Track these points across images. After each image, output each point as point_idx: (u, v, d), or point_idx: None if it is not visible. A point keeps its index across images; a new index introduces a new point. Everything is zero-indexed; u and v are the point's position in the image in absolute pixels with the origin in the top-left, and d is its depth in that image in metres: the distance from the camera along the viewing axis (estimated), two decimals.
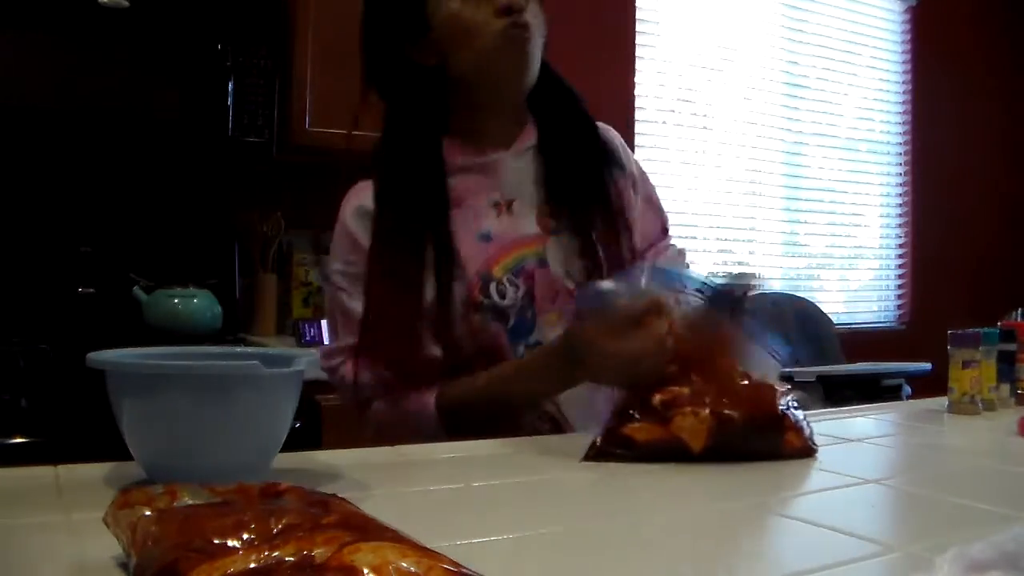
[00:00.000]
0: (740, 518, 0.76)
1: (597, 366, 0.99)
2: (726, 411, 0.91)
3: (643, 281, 1.01)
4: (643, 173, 1.31)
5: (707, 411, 0.91)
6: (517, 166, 1.19)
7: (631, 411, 0.93)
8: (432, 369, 1.12)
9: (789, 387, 0.98)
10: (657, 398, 0.93)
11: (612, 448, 0.91)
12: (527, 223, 1.17)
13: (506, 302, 1.13)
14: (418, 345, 1.11)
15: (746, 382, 0.95)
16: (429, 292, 1.12)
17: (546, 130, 1.21)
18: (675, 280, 1.05)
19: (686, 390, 0.93)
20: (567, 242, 1.17)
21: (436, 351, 1.12)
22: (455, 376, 1.12)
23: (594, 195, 1.19)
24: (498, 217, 1.17)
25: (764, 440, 0.93)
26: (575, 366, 1.02)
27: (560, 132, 1.21)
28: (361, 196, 1.18)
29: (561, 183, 1.19)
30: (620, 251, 1.18)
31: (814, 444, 0.96)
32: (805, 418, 0.96)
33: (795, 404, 0.96)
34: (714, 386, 0.93)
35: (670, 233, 1.34)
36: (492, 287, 1.13)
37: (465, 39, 1.12)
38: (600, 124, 1.26)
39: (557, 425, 1.15)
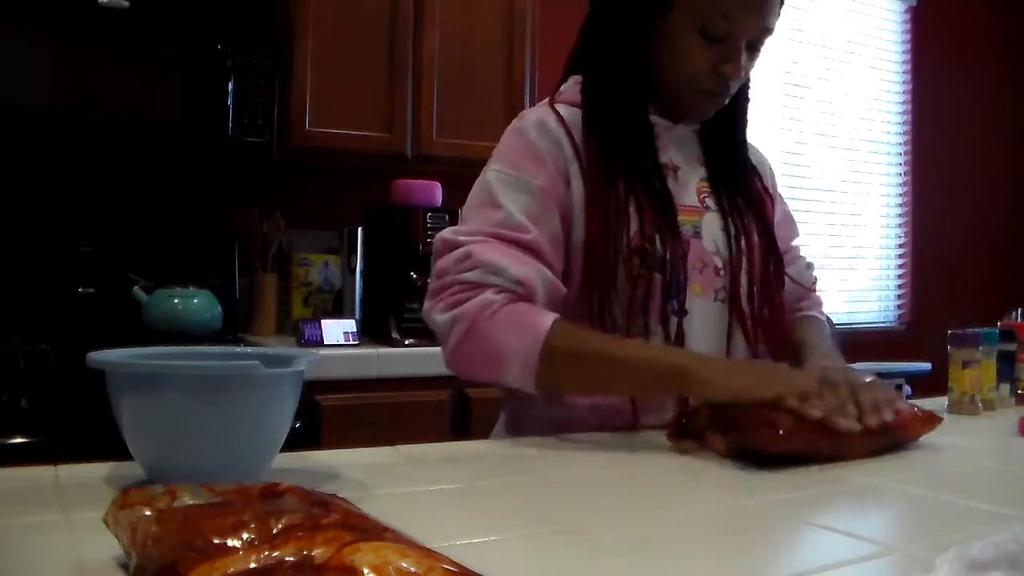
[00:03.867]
0: (743, 519, 0.76)
1: (781, 378, 1.00)
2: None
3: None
4: (780, 195, 1.40)
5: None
6: (681, 141, 1.24)
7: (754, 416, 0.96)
8: (559, 298, 1.12)
9: None
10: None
11: (692, 429, 0.99)
12: (689, 194, 1.21)
13: (666, 257, 1.15)
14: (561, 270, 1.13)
15: None
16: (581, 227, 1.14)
17: (708, 124, 1.26)
18: None
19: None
20: (719, 221, 1.22)
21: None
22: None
23: (748, 186, 1.27)
24: (667, 178, 1.20)
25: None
26: (760, 374, 1.02)
27: (721, 131, 1.27)
28: (541, 113, 1.19)
29: (722, 168, 1.25)
30: (766, 238, 1.24)
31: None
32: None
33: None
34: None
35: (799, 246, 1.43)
36: (656, 239, 1.14)
37: (674, 62, 1.16)
38: (753, 145, 1.33)
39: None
